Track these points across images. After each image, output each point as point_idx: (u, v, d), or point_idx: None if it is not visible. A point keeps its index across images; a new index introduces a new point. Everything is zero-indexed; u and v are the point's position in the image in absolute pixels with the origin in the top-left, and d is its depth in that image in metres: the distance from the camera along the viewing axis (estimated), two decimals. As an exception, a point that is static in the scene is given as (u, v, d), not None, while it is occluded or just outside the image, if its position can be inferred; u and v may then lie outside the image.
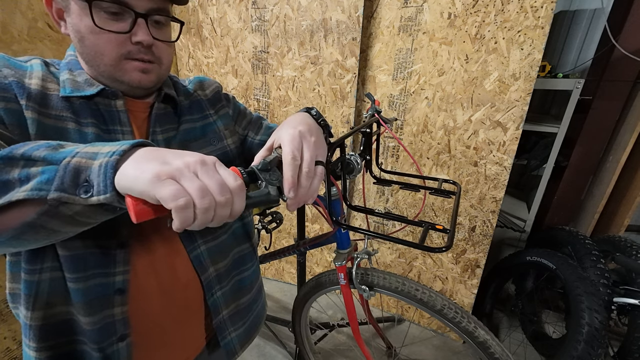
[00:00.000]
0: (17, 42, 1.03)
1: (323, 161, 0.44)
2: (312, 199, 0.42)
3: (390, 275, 0.84)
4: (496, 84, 1.11)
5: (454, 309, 0.77)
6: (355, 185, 1.55)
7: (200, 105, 0.61)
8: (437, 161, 1.31)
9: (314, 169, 0.41)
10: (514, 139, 1.14)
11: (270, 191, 0.39)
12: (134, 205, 0.30)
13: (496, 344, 0.75)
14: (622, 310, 1.24)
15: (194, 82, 0.64)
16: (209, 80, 0.66)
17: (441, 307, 0.78)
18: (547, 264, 1.35)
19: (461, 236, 1.36)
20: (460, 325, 0.76)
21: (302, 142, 0.41)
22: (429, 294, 0.80)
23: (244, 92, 1.53)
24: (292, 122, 0.45)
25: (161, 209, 0.31)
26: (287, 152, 0.40)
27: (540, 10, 0.99)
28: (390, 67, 1.29)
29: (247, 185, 0.39)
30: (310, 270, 1.79)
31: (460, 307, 0.79)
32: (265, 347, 1.44)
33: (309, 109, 0.54)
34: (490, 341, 0.75)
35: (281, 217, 1.18)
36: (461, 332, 0.77)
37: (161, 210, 0.31)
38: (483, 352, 0.75)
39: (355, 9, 1.20)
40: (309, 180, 0.41)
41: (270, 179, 0.39)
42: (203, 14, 1.44)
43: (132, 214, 0.30)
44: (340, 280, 0.88)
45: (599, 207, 1.62)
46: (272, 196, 0.39)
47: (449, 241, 0.52)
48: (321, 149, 0.44)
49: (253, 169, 0.39)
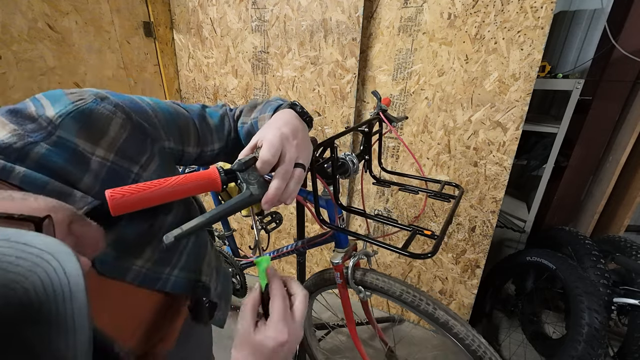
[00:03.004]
0: (17, 42, 1.03)
1: (304, 164, 0.44)
2: (290, 200, 0.42)
3: (386, 278, 0.83)
4: (496, 84, 1.12)
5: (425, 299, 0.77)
6: (355, 185, 1.55)
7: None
8: (437, 161, 1.31)
9: (291, 171, 0.41)
10: (513, 139, 1.14)
11: (252, 191, 0.40)
12: None
13: (460, 324, 0.73)
14: (622, 311, 1.24)
15: (68, 129, 0.36)
16: (103, 108, 0.39)
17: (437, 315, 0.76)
18: (547, 264, 1.35)
19: (461, 236, 1.36)
20: (419, 308, 0.76)
21: (282, 144, 0.41)
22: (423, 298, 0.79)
23: (243, 92, 1.53)
24: (277, 123, 0.44)
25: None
26: (262, 154, 0.40)
27: (540, 10, 0.99)
28: (390, 67, 1.29)
29: (226, 184, 0.40)
30: (310, 270, 1.79)
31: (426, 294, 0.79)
32: (265, 347, 1.44)
33: (293, 105, 0.51)
34: (452, 322, 0.73)
35: (280, 217, 1.18)
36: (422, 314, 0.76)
37: None
38: (449, 334, 0.74)
39: (355, 9, 1.20)
40: (284, 182, 0.40)
41: (248, 179, 0.40)
42: (203, 14, 1.45)
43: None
44: (337, 279, 0.88)
45: (599, 207, 1.62)
46: (255, 196, 0.40)
47: (434, 248, 0.50)
48: (305, 151, 0.44)
49: (231, 169, 0.40)
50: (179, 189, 0.37)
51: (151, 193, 0.34)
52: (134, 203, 0.33)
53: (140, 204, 0.34)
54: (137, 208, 0.34)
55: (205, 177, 0.39)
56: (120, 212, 0.32)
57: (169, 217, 0.47)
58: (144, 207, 0.34)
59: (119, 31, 1.33)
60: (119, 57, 1.36)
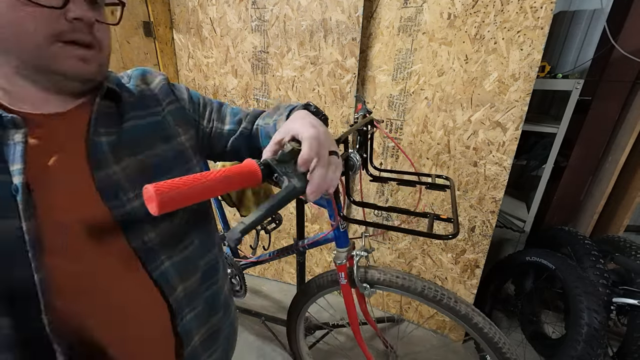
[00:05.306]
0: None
1: (337, 151, 0.45)
2: (333, 187, 0.42)
3: (389, 270, 0.84)
4: (496, 84, 1.12)
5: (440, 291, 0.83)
6: (355, 185, 1.55)
7: (146, 101, 0.53)
8: (437, 161, 1.32)
9: (327, 159, 0.42)
10: (513, 139, 1.14)
11: (295, 184, 0.38)
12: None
13: (479, 315, 0.80)
14: (621, 311, 1.24)
15: (135, 76, 0.55)
16: (153, 73, 0.58)
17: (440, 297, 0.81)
18: (547, 264, 1.35)
19: (461, 236, 1.36)
20: (441, 302, 0.81)
21: (319, 138, 0.42)
22: (431, 287, 0.82)
23: (243, 92, 1.53)
24: (310, 119, 0.45)
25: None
26: (305, 151, 0.40)
27: (539, 10, 0.99)
28: (389, 67, 1.29)
29: (265, 179, 0.38)
30: (309, 270, 1.79)
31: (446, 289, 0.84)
32: (265, 347, 1.44)
33: (307, 106, 0.53)
34: (471, 313, 0.80)
35: (280, 217, 1.18)
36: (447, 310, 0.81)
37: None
38: (469, 326, 0.81)
39: (355, 9, 1.20)
40: (325, 170, 0.41)
41: (287, 172, 0.39)
42: (203, 14, 1.44)
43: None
44: (341, 279, 0.88)
45: (598, 207, 1.62)
46: (299, 188, 0.38)
47: (455, 229, 0.56)
48: (333, 141, 0.46)
49: (268, 162, 0.39)
50: (221, 184, 0.35)
51: (193, 189, 0.32)
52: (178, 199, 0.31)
53: (184, 200, 0.32)
54: (181, 205, 0.31)
55: (246, 169, 0.37)
56: (167, 209, 0.30)
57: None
58: (187, 204, 0.32)
59: (119, 31, 1.33)
60: (119, 57, 1.36)
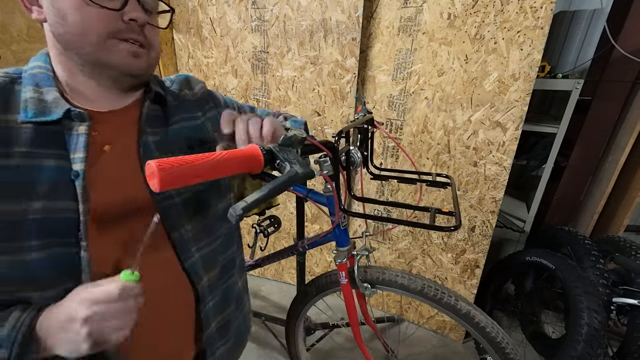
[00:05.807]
0: (16, 42, 1.03)
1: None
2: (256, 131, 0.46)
3: (389, 270, 0.84)
4: (496, 84, 1.12)
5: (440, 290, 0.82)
6: (355, 184, 1.55)
7: (188, 106, 0.58)
8: (437, 161, 1.32)
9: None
10: (513, 139, 1.14)
11: (297, 169, 0.38)
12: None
13: (480, 314, 0.78)
14: (621, 310, 1.24)
15: (179, 81, 0.60)
16: (195, 79, 0.63)
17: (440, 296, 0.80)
18: (547, 264, 1.35)
19: (460, 236, 1.36)
20: (441, 301, 0.80)
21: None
22: (432, 285, 0.81)
23: (243, 92, 1.53)
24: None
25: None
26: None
27: (539, 10, 0.99)
28: (389, 67, 1.29)
29: (267, 164, 0.39)
30: (309, 270, 1.78)
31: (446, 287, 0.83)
32: (265, 347, 1.44)
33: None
34: (473, 312, 0.78)
35: (279, 221, 1.18)
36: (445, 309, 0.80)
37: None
38: (470, 325, 0.79)
39: (355, 9, 1.20)
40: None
41: (289, 158, 0.39)
42: (203, 14, 1.44)
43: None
44: (342, 279, 0.87)
45: (598, 207, 1.62)
46: (301, 174, 0.38)
47: (457, 221, 0.58)
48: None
49: (271, 148, 0.39)
50: (222, 165, 0.35)
51: (195, 167, 0.33)
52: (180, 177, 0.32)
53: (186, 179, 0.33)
54: (183, 183, 0.33)
55: (249, 153, 0.38)
56: (168, 186, 0.31)
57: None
58: (189, 182, 0.33)
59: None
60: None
